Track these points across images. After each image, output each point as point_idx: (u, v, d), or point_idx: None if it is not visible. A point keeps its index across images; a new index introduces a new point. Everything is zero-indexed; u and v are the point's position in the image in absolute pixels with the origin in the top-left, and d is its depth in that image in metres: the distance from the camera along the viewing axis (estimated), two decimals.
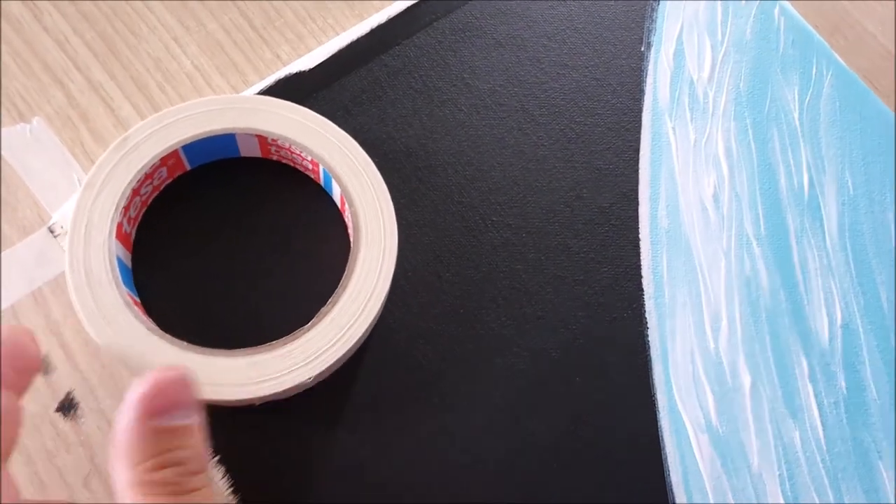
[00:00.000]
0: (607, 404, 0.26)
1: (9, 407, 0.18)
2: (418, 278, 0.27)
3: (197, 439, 0.18)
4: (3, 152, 0.27)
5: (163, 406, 0.18)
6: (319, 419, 0.25)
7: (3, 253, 0.26)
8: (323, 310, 0.24)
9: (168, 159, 0.25)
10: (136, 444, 0.17)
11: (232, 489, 0.24)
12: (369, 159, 0.26)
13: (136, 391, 0.18)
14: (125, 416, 0.17)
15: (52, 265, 0.26)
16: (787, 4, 0.34)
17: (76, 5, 0.30)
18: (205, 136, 0.25)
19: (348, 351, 0.24)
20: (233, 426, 0.24)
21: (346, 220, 0.26)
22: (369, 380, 0.25)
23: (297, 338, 0.23)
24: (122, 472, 0.17)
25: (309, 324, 0.24)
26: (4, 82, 0.28)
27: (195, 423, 0.18)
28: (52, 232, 0.26)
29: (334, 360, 0.23)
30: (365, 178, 0.26)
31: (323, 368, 0.23)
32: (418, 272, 0.27)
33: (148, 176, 0.25)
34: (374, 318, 0.24)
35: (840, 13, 0.36)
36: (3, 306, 0.25)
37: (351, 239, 0.25)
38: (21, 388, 0.19)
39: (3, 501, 0.17)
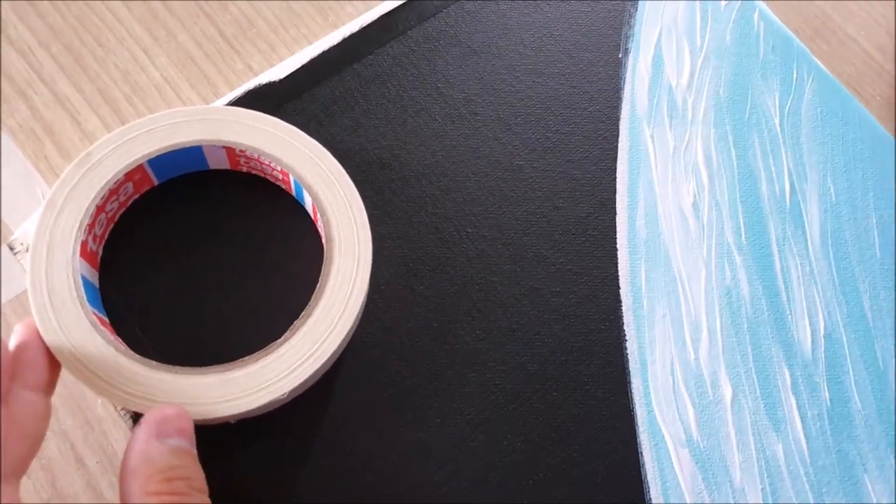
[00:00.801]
0: (585, 418, 0.25)
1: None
2: (391, 292, 0.26)
3: (197, 464, 0.20)
4: None
5: (169, 431, 0.20)
6: (294, 435, 0.24)
7: None
8: (296, 323, 0.23)
9: (134, 174, 0.25)
10: (150, 458, 0.19)
11: None
12: (341, 168, 0.25)
13: (146, 418, 0.20)
14: (138, 437, 0.20)
15: (13, 284, 0.25)
16: (767, 9, 0.34)
17: (42, 17, 0.30)
18: (171, 149, 0.25)
19: (324, 364, 0.23)
20: (206, 444, 0.23)
21: (320, 230, 0.26)
22: (342, 395, 0.25)
23: (270, 353, 0.23)
24: (138, 484, 0.19)
25: (282, 338, 0.23)
26: None
27: (194, 451, 0.20)
28: (11, 249, 0.26)
29: (310, 373, 0.23)
30: (337, 188, 0.25)
31: (298, 383, 0.22)
32: (391, 285, 0.26)
33: (113, 192, 0.24)
34: (350, 329, 0.24)
35: (821, 18, 0.36)
36: None
37: (324, 250, 0.25)
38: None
39: None
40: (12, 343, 0.21)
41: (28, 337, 0.21)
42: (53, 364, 0.21)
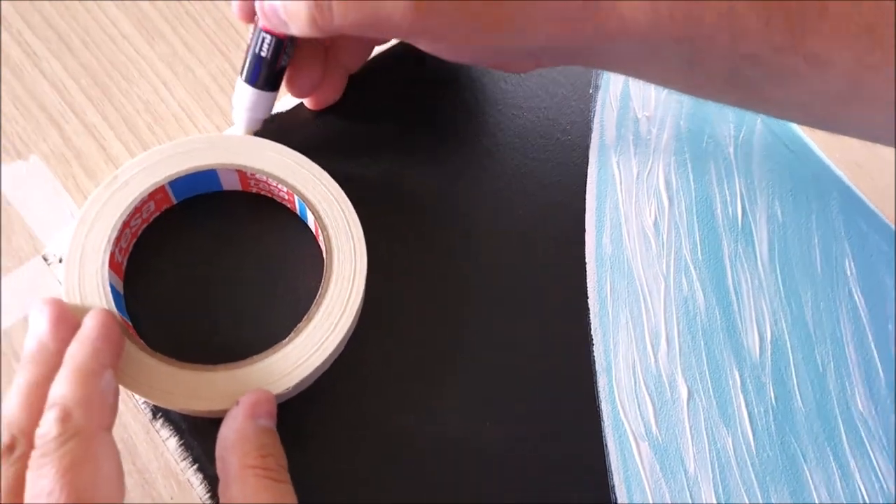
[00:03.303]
0: (554, 413, 0.28)
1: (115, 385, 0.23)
2: (383, 305, 0.29)
3: (281, 444, 0.23)
4: (2, 187, 0.30)
5: (260, 412, 0.23)
6: (298, 423, 0.27)
7: (1, 279, 0.28)
8: (299, 325, 0.26)
9: (155, 194, 0.28)
10: (247, 436, 0.22)
11: (210, 494, 0.26)
12: (340, 188, 0.29)
13: (243, 400, 0.23)
14: (236, 417, 0.23)
15: (45, 291, 0.28)
16: None
17: (74, 54, 0.33)
18: (189, 172, 0.28)
19: (324, 362, 0.26)
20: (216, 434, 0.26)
21: (321, 244, 0.29)
22: (341, 395, 0.28)
23: (276, 351, 0.26)
24: (237, 458, 0.22)
25: (287, 338, 0.26)
26: (5, 125, 0.31)
27: (276, 432, 0.24)
28: (45, 260, 0.28)
29: (312, 370, 0.25)
30: (336, 206, 0.28)
31: (301, 378, 0.25)
32: (383, 299, 0.29)
33: (137, 210, 0.28)
34: (348, 331, 0.26)
35: None
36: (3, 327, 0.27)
37: (324, 261, 0.28)
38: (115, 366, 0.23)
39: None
40: (91, 324, 0.23)
41: (104, 317, 0.23)
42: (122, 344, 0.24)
